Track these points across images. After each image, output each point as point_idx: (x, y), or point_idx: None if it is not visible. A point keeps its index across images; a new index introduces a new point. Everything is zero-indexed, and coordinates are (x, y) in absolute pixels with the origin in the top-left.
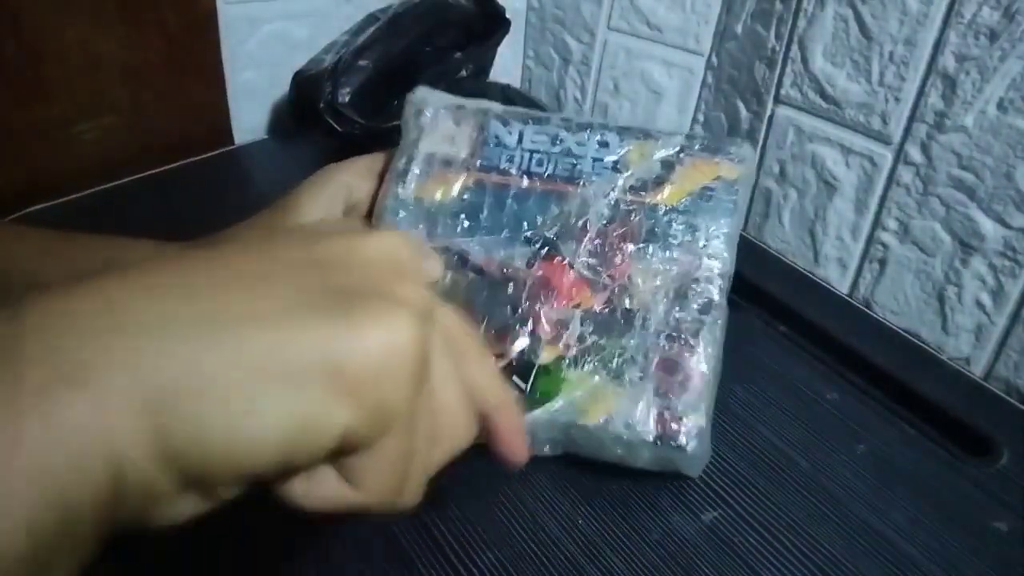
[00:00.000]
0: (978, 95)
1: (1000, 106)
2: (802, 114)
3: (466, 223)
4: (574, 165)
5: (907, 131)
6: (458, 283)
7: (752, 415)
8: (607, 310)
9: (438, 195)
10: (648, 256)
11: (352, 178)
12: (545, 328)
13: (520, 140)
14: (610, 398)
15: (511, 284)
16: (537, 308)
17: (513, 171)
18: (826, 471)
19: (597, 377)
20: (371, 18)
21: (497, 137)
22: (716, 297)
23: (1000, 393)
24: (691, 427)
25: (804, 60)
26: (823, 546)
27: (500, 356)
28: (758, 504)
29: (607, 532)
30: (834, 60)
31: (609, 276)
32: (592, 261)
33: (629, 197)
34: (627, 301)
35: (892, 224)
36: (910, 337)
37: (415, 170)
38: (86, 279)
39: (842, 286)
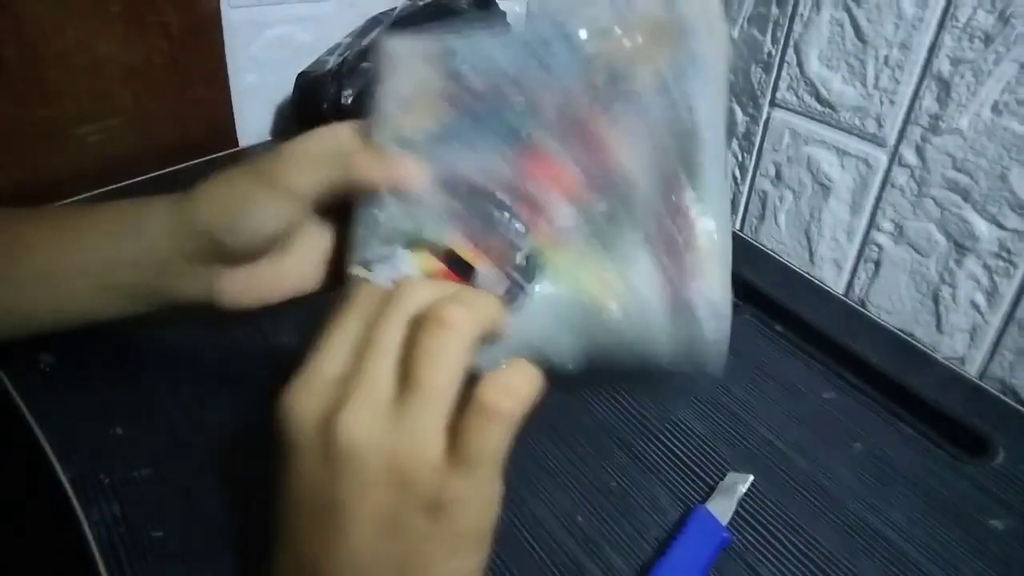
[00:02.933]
0: (972, 98)
1: (994, 109)
2: (798, 117)
3: (443, 146)
4: (541, 60)
5: (902, 133)
6: (446, 206)
7: (749, 414)
8: (594, 191)
9: (415, 128)
10: (623, 120)
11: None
12: (539, 223)
13: (484, 51)
14: (612, 275)
15: (497, 189)
16: (526, 203)
17: (481, 84)
18: (823, 470)
19: (599, 259)
20: (375, 21)
21: (463, 57)
22: (699, 137)
23: (995, 392)
24: (700, 290)
25: (800, 64)
26: (821, 544)
27: (500, 257)
28: (756, 503)
29: (607, 530)
30: (829, 64)
31: (590, 154)
32: (569, 145)
33: (596, 74)
34: (613, 175)
35: (887, 225)
36: (905, 337)
37: (392, 111)
38: None
39: (837, 286)
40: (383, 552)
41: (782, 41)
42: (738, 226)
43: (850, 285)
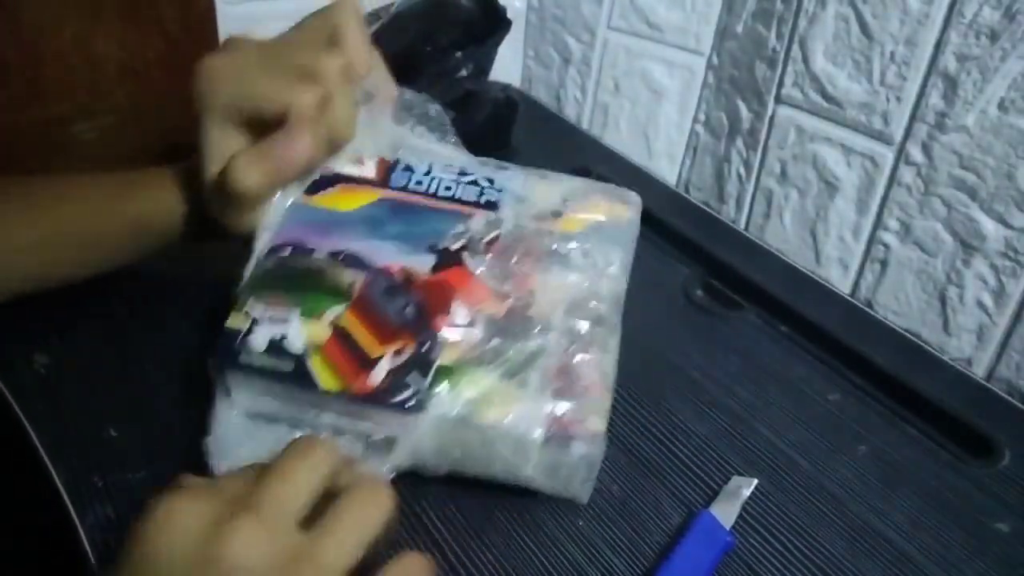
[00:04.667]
0: (979, 95)
1: (1001, 106)
2: (803, 114)
3: (366, 231)
4: (480, 193)
5: (908, 131)
6: (354, 281)
7: (753, 416)
8: (508, 316)
9: (341, 206)
10: (548, 273)
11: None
12: (446, 328)
13: (429, 171)
14: (508, 399)
15: (411, 284)
16: (437, 309)
17: (420, 192)
18: (827, 472)
19: (495, 378)
20: (372, 16)
21: (408, 165)
22: (606, 314)
23: (1002, 394)
24: (585, 431)
25: (805, 60)
26: (824, 547)
27: (399, 351)
28: (759, 505)
29: (607, 533)
30: (835, 60)
31: (511, 287)
32: (495, 273)
33: (533, 224)
34: (528, 310)
35: (893, 224)
36: (912, 337)
37: (317, 178)
38: None
39: (843, 286)
40: None
41: (787, 37)
42: (743, 225)
43: (856, 285)
